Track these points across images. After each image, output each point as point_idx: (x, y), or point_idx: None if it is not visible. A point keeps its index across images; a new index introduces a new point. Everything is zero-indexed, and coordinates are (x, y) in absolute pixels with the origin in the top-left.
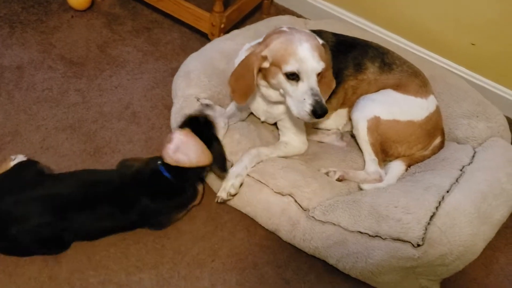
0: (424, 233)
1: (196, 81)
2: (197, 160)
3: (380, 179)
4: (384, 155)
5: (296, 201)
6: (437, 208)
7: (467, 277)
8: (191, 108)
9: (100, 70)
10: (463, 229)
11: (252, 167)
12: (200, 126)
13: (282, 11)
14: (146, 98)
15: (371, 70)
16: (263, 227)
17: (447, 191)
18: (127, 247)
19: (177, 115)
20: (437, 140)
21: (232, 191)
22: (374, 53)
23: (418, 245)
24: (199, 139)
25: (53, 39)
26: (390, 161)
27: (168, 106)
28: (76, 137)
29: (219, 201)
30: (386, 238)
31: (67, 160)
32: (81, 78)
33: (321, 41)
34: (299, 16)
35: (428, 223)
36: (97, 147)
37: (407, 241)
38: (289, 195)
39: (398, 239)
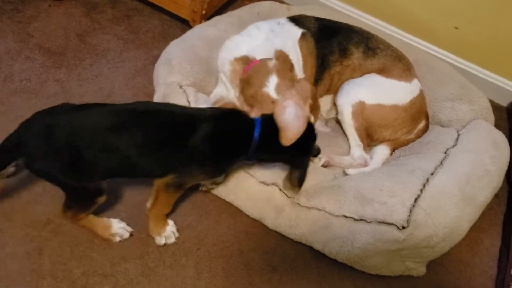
0: (409, 216)
1: (178, 68)
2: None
3: (365, 164)
4: (369, 139)
5: (280, 189)
6: (421, 190)
7: (453, 259)
8: (174, 96)
9: (80, 59)
10: (447, 211)
11: None
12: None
13: None
14: (128, 86)
15: (356, 56)
16: (249, 215)
17: (432, 174)
18: None
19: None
20: (422, 124)
21: (217, 180)
22: (359, 38)
23: (403, 228)
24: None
25: (30, 29)
26: (375, 145)
27: (150, 94)
28: None
29: (203, 189)
30: (371, 221)
31: None
32: (61, 68)
33: (301, 30)
34: (282, 2)
35: (413, 206)
36: None
37: (392, 224)
38: (273, 184)
39: (383, 222)
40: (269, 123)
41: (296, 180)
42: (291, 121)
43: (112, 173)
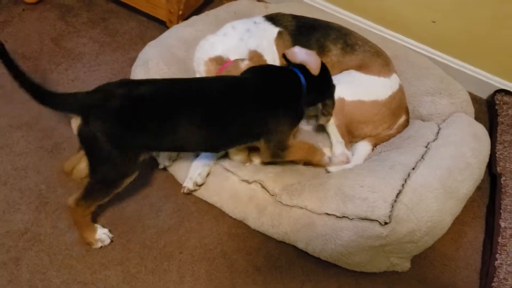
0: (391, 211)
1: (155, 70)
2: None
3: (347, 161)
4: (351, 136)
5: (263, 186)
6: (403, 185)
7: (437, 253)
8: None
9: (55, 64)
10: (429, 205)
11: (219, 156)
12: None
13: None
14: None
15: (334, 52)
16: (231, 216)
17: (413, 168)
18: None
19: None
20: (402, 119)
21: (199, 181)
22: (337, 35)
23: (386, 223)
24: None
25: (3, 34)
26: (357, 142)
27: None
28: (32, 134)
29: (185, 191)
30: (353, 218)
31: (24, 158)
32: (36, 73)
33: (277, 29)
34: (259, 0)
35: (395, 201)
36: (56, 144)
37: (374, 220)
38: (255, 181)
39: (365, 219)
40: (300, 67)
41: (330, 108)
42: (307, 56)
43: (170, 146)
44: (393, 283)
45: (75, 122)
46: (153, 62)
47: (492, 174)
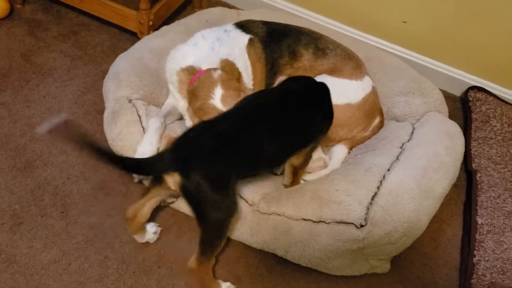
0: (366, 213)
1: (126, 82)
2: None
3: (324, 165)
4: (327, 140)
5: (241, 196)
6: (378, 187)
7: (417, 252)
8: (123, 111)
9: (26, 80)
10: (406, 205)
11: None
12: None
13: (215, 3)
14: (77, 104)
15: (306, 57)
16: None
17: (388, 170)
18: (68, 263)
19: (109, 119)
20: (376, 120)
21: (176, 193)
22: (308, 39)
23: (362, 226)
24: None
25: None
26: (333, 145)
27: (101, 111)
28: (4, 153)
29: (162, 204)
30: (330, 222)
31: None
32: (5, 90)
33: (248, 36)
34: (231, 7)
35: (370, 203)
36: (28, 161)
37: (350, 223)
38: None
39: (341, 222)
40: None
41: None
42: None
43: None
44: (374, 286)
45: (172, 180)
46: (124, 74)
47: (468, 171)
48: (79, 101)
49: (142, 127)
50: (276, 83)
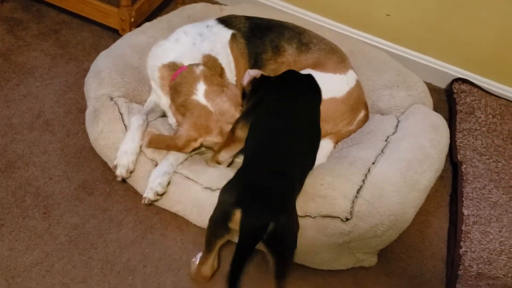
0: (352, 207)
1: (108, 80)
2: None
3: None
4: None
5: None
6: (363, 181)
7: (403, 245)
8: (104, 109)
9: (6, 80)
10: (391, 198)
11: (179, 164)
12: None
13: None
14: (59, 104)
15: (290, 52)
16: (196, 224)
17: (373, 163)
18: (51, 264)
19: (91, 118)
20: (361, 114)
21: (160, 190)
22: (291, 34)
23: (347, 219)
24: None
25: None
26: None
27: (83, 110)
28: None
29: (146, 202)
30: (315, 216)
31: None
32: None
33: (231, 31)
34: (214, 2)
35: (355, 197)
36: (9, 162)
37: (336, 217)
38: (219, 189)
39: (327, 216)
40: None
41: None
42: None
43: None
44: (361, 279)
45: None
46: (106, 73)
47: (453, 162)
48: (60, 100)
49: (124, 125)
50: (246, 77)
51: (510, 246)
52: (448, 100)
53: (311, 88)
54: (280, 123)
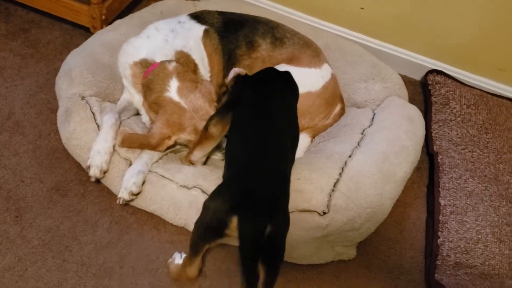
0: (329, 200)
1: (79, 79)
2: None
3: None
4: None
5: (203, 191)
6: (340, 174)
7: (382, 237)
8: (76, 109)
9: None
10: (367, 191)
11: (154, 163)
12: None
13: None
14: (30, 104)
15: (264, 47)
16: (173, 224)
17: (349, 156)
18: (24, 269)
19: (62, 118)
20: (337, 108)
21: (135, 190)
22: (265, 29)
23: (324, 213)
24: None
25: None
26: None
27: (55, 110)
28: None
29: (121, 202)
30: (293, 211)
31: None
32: None
33: (203, 27)
34: None
35: (332, 190)
36: None
37: (313, 211)
38: (195, 187)
39: (304, 210)
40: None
41: None
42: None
43: None
44: (340, 272)
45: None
46: (77, 71)
47: (429, 153)
48: (31, 101)
49: (97, 124)
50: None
51: (486, 235)
52: (423, 91)
53: (289, 85)
54: (263, 122)
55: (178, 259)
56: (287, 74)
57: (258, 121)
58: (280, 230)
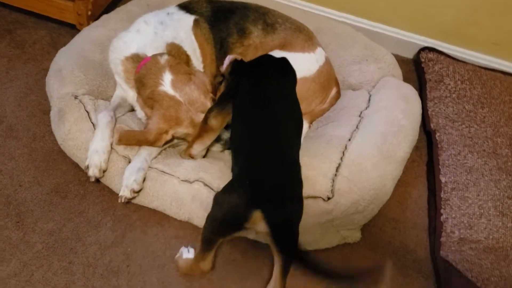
0: (332, 185)
1: (70, 78)
2: None
3: None
4: None
5: (206, 184)
6: (341, 158)
7: (385, 218)
8: (69, 109)
9: None
10: (369, 173)
11: (153, 158)
12: None
13: None
14: (21, 107)
15: (255, 34)
16: (176, 218)
17: (349, 140)
18: (31, 274)
19: (56, 119)
20: (333, 91)
21: (136, 187)
22: (255, 15)
23: (329, 198)
24: None
25: None
26: None
27: (47, 111)
28: None
29: (122, 201)
30: None
31: None
32: None
33: (193, 17)
34: None
35: (335, 175)
36: None
37: (317, 197)
38: (197, 180)
39: (308, 197)
40: None
41: None
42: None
43: None
44: (347, 256)
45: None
46: (67, 70)
47: (427, 131)
48: (22, 103)
49: (92, 123)
50: (226, 62)
51: (488, 209)
52: (416, 70)
53: (287, 71)
54: (265, 111)
55: (186, 253)
56: (284, 60)
57: (260, 110)
58: (297, 217)
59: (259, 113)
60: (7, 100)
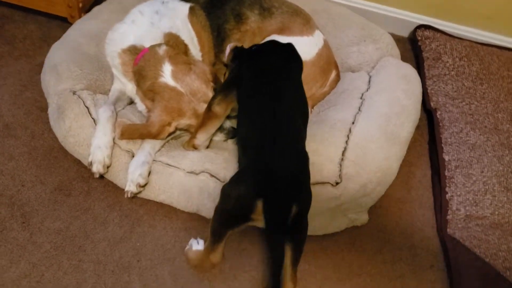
0: (340, 170)
1: (66, 74)
2: None
3: None
4: None
5: (212, 175)
6: (346, 142)
7: (391, 199)
8: (68, 105)
9: None
10: (375, 155)
11: (156, 151)
12: None
13: None
14: (17, 105)
15: (252, 19)
16: (184, 210)
17: (353, 123)
18: (41, 275)
19: (55, 116)
20: (333, 74)
21: (141, 181)
22: (251, 0)
23: (337, 183)
24: None
25: None
26: None
27: (45, 108)
28: None
29: (129, 195)
30: None
31: None
32: None
33: (188, 5)
34: None
35: (342, 159)
36: None
37: (326, 183)
38: (203, 171)
39: (316, 183)
40: None
41: None
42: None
43: None
44: (356, 238)
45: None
46: (63, 66)
47: (427, 110)
48: (17, 101)
49: (93, 118)
50: (227, 51)
51: (493, 185)
52: (413, 48)
53: (293, 57)
54: (271, 100)
55: (196, 245)
56: (290, 46)
57: (267, 99)
58: (304, 208)
59: (267, 102)
60: (2, 99)
